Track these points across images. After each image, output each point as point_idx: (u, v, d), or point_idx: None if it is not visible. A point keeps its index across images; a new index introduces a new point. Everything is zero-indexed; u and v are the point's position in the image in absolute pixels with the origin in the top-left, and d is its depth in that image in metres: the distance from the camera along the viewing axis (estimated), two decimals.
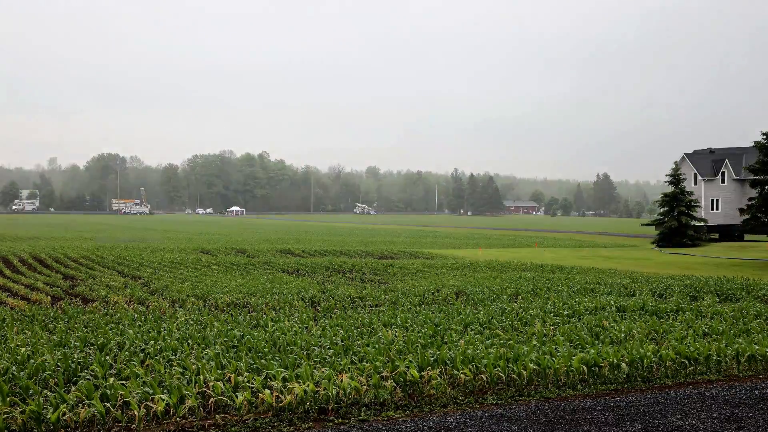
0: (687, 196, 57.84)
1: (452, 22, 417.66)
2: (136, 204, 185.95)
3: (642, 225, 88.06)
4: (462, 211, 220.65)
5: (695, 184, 67.45)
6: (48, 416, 7.47)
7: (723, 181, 66.88)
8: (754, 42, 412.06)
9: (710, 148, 72.84)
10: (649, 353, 10.57)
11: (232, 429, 7.65)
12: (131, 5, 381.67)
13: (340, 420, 7.98)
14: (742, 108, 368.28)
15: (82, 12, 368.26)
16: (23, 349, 10.57)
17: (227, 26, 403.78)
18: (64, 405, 7.66)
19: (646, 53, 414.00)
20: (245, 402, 8.06)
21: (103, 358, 10.02)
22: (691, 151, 70.84)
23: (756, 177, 45.75)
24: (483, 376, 9.34)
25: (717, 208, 66.34)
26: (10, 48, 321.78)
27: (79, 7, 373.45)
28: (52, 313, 15.57)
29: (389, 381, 8.86)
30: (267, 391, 8.26)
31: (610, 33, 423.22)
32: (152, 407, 7.84)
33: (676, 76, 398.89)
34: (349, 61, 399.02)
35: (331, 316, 15.54)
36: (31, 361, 9.78)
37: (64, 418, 7.49)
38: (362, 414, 8.19)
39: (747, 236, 58.39)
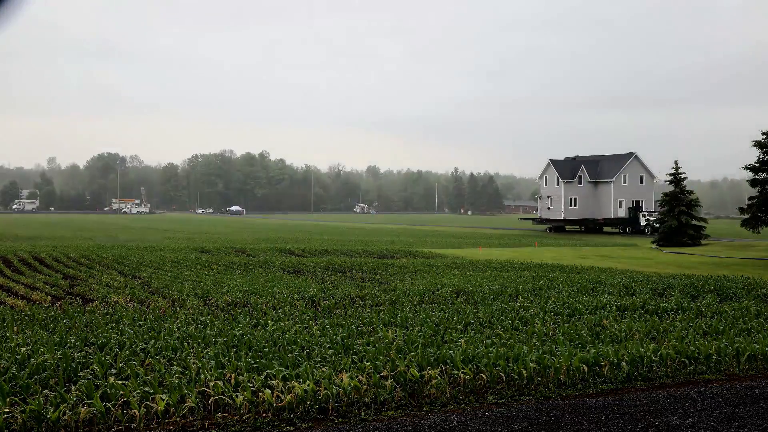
0: (687, 195, 57.89)
1: (444, 20, 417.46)
2: (136, 203, 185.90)
3: (521, 219, 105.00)
4: (462, 211, 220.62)
5: (557, 185, 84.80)
6: (48, 416, 7.47)
7: (580, 183, 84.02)
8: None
9: (577, 155, 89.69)
10: (649, 352, 10.57)
11: (233, 428, 7.65)
12: (130, 4, 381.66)
13: (340, 419, 7.99)
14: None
15: (81, 11, 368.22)
16: (23, 349, 10.57)
17: (226, 23, 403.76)
18: (65, 404, 7.67)
19: (646, 50, 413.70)
20: (245, 401, 8.07)
21: (103, 358, 10.02)
22: (561, 158, 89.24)
23: (756, 176, 45.72)
24: (483, 376, 9.34)
25: (575, 205, 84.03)
26: (9, 48, 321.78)
27: (77, 6, 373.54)
28: (52, 313, 15.57)
29: (389, 380, 8.86)
30: (267, 390, 8.26)
31: (607, 31, 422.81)
32: (152, 407, 7.85)
33: (663, 69, 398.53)
34: (349, 58, 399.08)
35: (331, 316, 15.54)
36: (32, 360, 9.78)
37: (65, 417, 7.50)
38: (362, 413, 8.20)
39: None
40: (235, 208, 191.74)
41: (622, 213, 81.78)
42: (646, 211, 77.30)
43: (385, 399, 8.61)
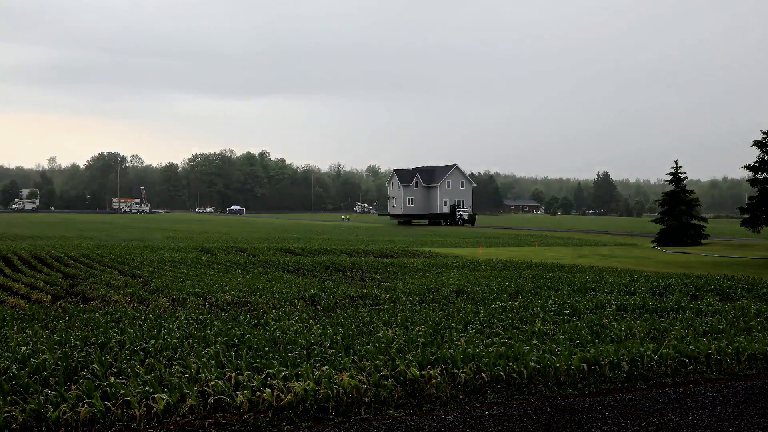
0: (687, 195, 57.82)
1: (461, 19, 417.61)
2: (136, 203, 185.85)
3: (380, 215, 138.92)
4: None
5: (398, 188, 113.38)
6: (48, 415, 7.47)
7: (416, 186, 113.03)
8: None
9: (424, 166, 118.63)
10: (649, 352, 10.57)
11: (233, 428, 7.65)
12: (129, 2, 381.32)
13: (340, 419, 7.99)
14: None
15: (80, 10, 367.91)
16: (23, 348, 10.56)
17: (225, 23, 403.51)
18: (65, 404, 7.67)
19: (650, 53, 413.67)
20: (245, 401, 8.06)
21: (103, 357, 10.02)
22: (411, 167, 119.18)
23: (756, 175, 45.62)
24: (483, 375, 9.34)
25: (412, 204, 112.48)
26: (10, 46, 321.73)
27: (75, 5, 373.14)
28: (53, 312, 15.56)
29: (389, 380, 8.86)
30: (267, 390, 8.26)
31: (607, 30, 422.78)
32: (153, 406, 7.84)
33: (675, 75, 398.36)
34: (348, 59, 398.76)
35: (331, 315, 15.54)
36: (32, 359, 9.77)
37: (65, 417, 7.49)
38: (362, 413, 8.19)
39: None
40: (235, 207, 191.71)
41: (446, 210, 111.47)
42: (460, 209, 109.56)
43: (386, 398, 8.60)
